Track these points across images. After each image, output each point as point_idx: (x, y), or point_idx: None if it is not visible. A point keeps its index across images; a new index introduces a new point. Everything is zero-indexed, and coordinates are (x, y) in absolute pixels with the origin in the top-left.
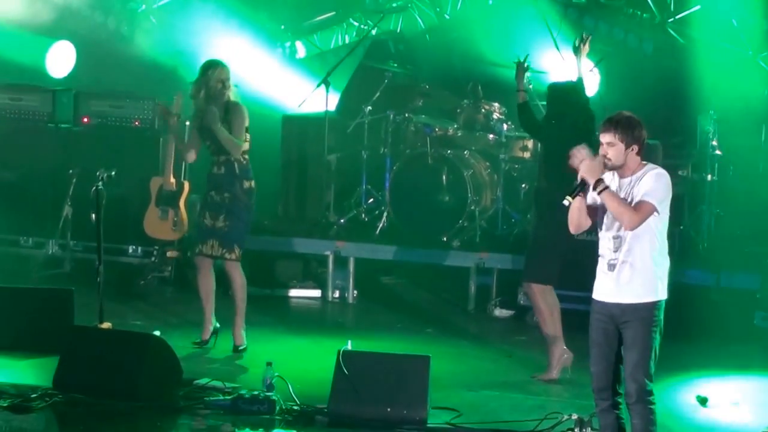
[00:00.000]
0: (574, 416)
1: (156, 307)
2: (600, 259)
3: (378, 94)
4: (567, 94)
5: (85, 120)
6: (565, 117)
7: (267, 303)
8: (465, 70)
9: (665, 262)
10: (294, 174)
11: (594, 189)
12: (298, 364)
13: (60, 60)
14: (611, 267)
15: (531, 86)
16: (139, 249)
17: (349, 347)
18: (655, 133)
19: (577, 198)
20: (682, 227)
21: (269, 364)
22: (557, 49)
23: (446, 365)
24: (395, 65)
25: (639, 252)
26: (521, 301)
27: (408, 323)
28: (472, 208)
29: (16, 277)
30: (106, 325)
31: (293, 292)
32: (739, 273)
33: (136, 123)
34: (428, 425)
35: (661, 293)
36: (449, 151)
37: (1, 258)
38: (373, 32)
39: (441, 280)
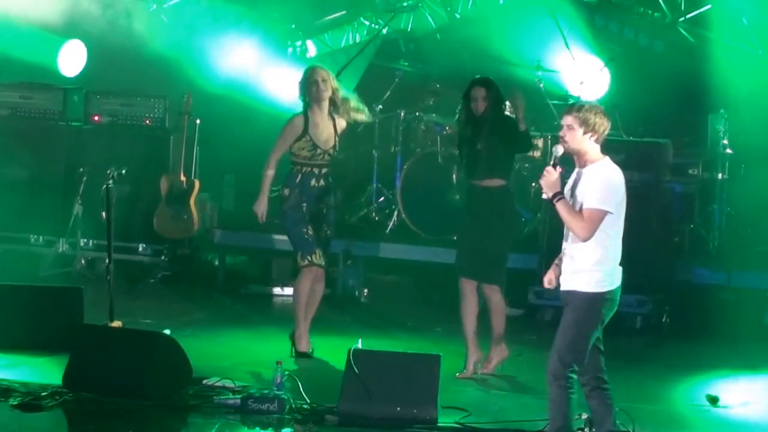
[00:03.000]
0: (584, 416)
1: (166, 305)
2: None
3: (388, 93)
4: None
5: (96, 118)
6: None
7: (277, 301)
8: (476, 69)
9: (606, 256)
10: None
11: (551, 200)
12: (308, 362)
13: (71, 59)
14: (563, 254)
15: (542, 85)
16: (150, 247)
17: (360, 346)
18: (666, 132)
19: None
20: (692, 226)
21: (279, 363)
22: (568, 48)
23: (456, 364)
24: (406, 64)
25: (578, 245)
26: (531, 300)
27: (418, 322)
28: None
29: (26, 276)
30: (116, 323)
31: None
32: (750, 272)
33: (147, 121)
34: (438, 424)
35: (597, 286)
36: None
37: (11, 256)
38: (384, 31)
39: (451, 279)
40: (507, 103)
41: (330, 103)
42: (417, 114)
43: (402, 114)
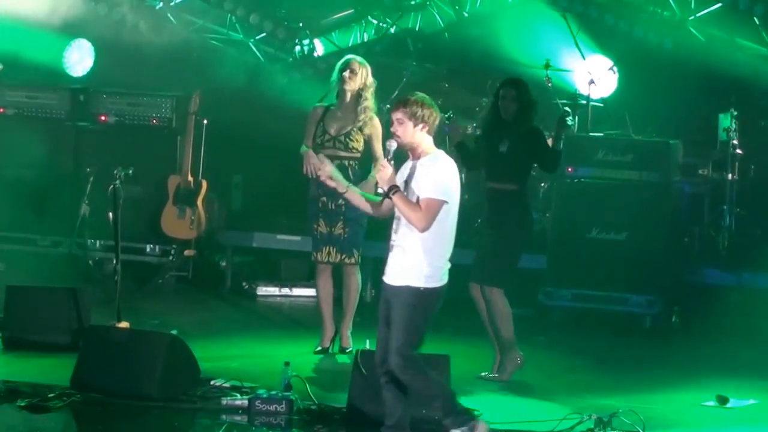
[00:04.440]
0: (594, 416)
1: (173, 306)
2: None
3: (396, 92)
4: (529, 101)
5: (103, 118)
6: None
7: (285, 302)
8: (484, 68)
9: (439, 250)
10: None
11: (388, 193)
12: (316, 363)
13: (78, 58)
14: (390, 248)
15: (551, 84)
16: (157, 248)
17: (368, 347)
18: (675, 131)
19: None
20: (702, 226)
21: (287, 363)
22: (577, 46)
23: (465, 365)
24: (414, 63)
25: (410, 237)
26: (540, 301)
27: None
28: None
29: (33, 276)
30: (123, 324)
31: (312, 291)
32: (760, 273)
33: (154, 121)
34: None
35: (425, 282)
36: None
37: (18, 257)
38: (392, 30)
39: (459, 279)
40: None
41: (356, 96)
42: None
43: None
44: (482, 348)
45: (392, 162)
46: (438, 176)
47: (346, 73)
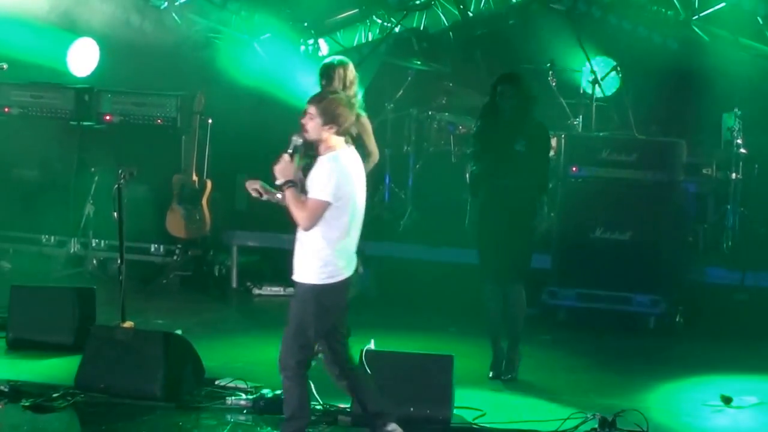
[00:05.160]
0: (598, 416)
1: (178, 305)
2: None
3: (401, 91)
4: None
5: (108, 118)
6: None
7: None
8: (488, 68)
9: (331, 248)
10: None
11: (282, 187)
12: (321, 363)
13: (82, 58)
14: (297, 242)
15: (554, 84)
16: (162, 247)
17: (372, 346)
18: (679, 131)
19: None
20: (706, 226)
21: None
22: (581, 46)
23: (469, 364)
24: (418, 62)
25: (304, 233)
26: (545, 300)
27: (431, 322)
28: None
29: (37, 276)
30: (128, 324)
31: None
32: (764, 272)
33: (159, 121)
34: (452, 425)
35: (319, 278)
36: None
37: (23, 257)
38: (397, 29)
39: (464, 279)
40: None
41: None
42: (429, 113)
43: (414, 113)
44: (486, 348)
45: (294, 156)
46: (328, 177)
47: (324, 82)
